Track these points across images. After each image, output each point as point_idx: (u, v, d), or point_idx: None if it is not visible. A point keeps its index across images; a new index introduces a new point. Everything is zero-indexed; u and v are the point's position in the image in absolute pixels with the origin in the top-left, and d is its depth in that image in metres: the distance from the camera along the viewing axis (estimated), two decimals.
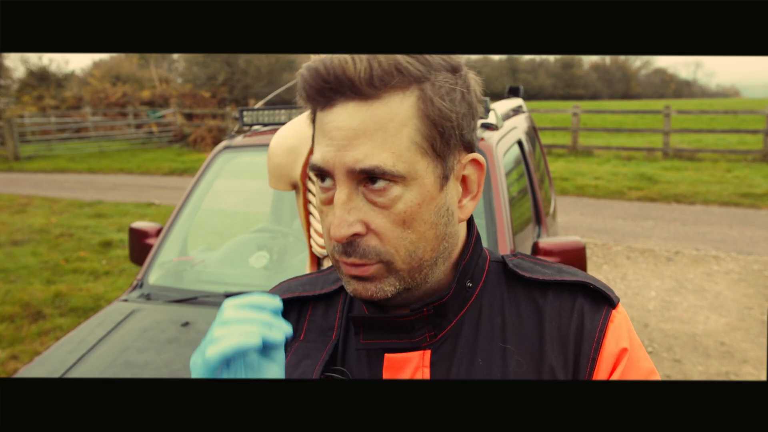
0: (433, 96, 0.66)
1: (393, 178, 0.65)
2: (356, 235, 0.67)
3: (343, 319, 0.79)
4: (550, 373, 0.71)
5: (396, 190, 0.66)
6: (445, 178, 0.69)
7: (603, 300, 0.74)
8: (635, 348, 0.72)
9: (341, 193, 0.66)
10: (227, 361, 0.62)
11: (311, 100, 0.69)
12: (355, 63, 0.62)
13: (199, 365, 0.62)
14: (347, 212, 0.66)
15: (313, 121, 0.73)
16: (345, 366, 0.75)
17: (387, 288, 0.69)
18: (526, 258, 0.81)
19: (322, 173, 0.68)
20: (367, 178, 0.65)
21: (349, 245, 0.67)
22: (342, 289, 0.82)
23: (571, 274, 0.76)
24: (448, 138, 0.68)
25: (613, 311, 0.74)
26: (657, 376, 0.72)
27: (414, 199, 0.67)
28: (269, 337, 0.62)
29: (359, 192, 0.66)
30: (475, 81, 0.71)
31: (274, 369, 0.66)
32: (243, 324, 0.62)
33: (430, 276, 0.72)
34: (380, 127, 0.64)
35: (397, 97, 0.65)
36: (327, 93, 0.66)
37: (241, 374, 0.63)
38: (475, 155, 0.73)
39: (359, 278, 0.69)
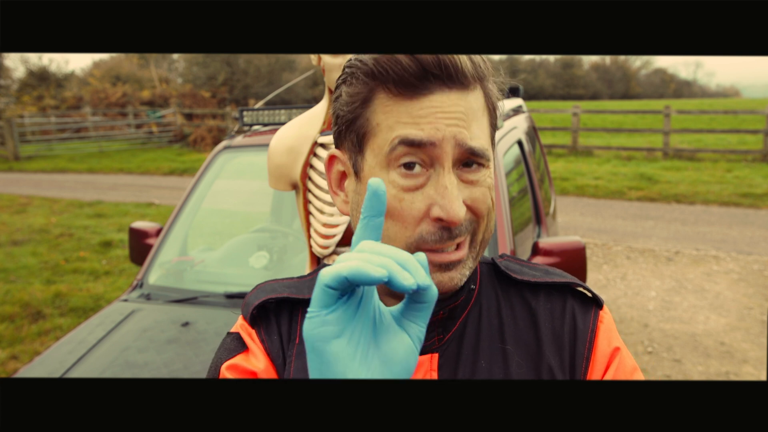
0: (492, 90, 0.72)
1: (486, 161, 0.69)
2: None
3: None
4: (549, 374, 0.72)
5: (483, 171, 0.69)
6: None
7: (590, 301, 0.77)
8: (622, 347, 0.75)
9: (451, 174, 0.66)
10: (348, 291, 0.53)
11: (402, 85, 0.66)
12: (457, 55, 0.66)
13: (313, 291, 0.53)
14: (458, 191, 0.67)
15: (362, 106, 0.68)
16: None
17: (466, 271, 0.69)
18: (513, 260, 0.82)
19: (417, 150, 0.65)
20: (462, 162, 0.67)
21: (458, 227, 0.67)
22: None
23: (558, 275, 0.79)
24: (496, 127, 0.74)
25: (601, 312, 0.77)
26: (639, 373, 0.75)
27: (490, 180, 0.70)
28: (397, 275, 0.51)
29: (455, 174, 0.68)
30: None
31: (393, 333, 0.56)
32: (373, 254, 0.53)
33: (478, 260, 0.73)
34: (474, 116, 0.68)
35: (478, 91, 0.69)
36: (429, 80, 0.66)
37: (360, 317, 0.54)
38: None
39: (449, 267, 0.68)
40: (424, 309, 0.56)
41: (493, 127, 0.73)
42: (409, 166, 0.66)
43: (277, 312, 0.78)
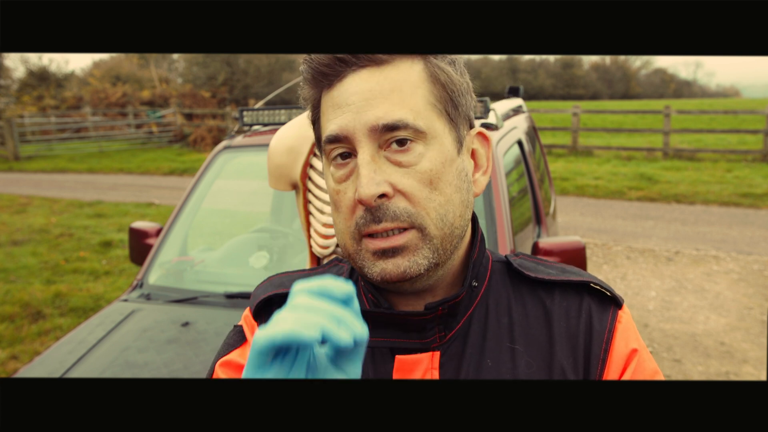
0: (439, 63, 0.69)
1: (415, 133, 0.65)
2: (384, 196, 0.65)
3: None
4: (561, 374, 0.70)
5: (419, 147, 0.66)
6: (459, 144, 0.71)
7: (609, 300, 0.74)
8: (642, 349, 0.72)
9: (364, 154, 0.65)
10: (282, 351, 0.54)
11: (320, 79, 0.68)
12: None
13: (250, 350, 0.54)
14: (373, 171, 0.64)
15: (316, 108, 0.72)
16: None
17: (421, 261, 0.66)
18: (528, 258, 0.80)
19: (340, 144, 0.66)
20: (390, 140, 0.65)
21: (378, 209, 0.65)
22: None
23: (575, 273, 0.76)
24: (456, 104, 0.70)
25: (620, 311, 0.74)
26: (661, 377, 0.72)
27: (437, 157, 0.67)
28: (332, 333, 0.51)
29: (381, 156, 0.66)
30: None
31: (331, 375, 0.57)
32: (307, 312, 0.53)
33: (455, 253, 0.71)
34: (395, 88, 0.66)
35: (406, 63, 0.67)
36: (337, 67, 0.66)
37: (296, 372, 0.55)
38: (481, 129, 0.76)
39: (389, 253, 0.65)
40: (357, 351, 0.57)
41: (443, 99, 0.68)
42: (343, 156, 0.67)
43: (282, 305, 0.78)
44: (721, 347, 4.08)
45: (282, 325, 0.52)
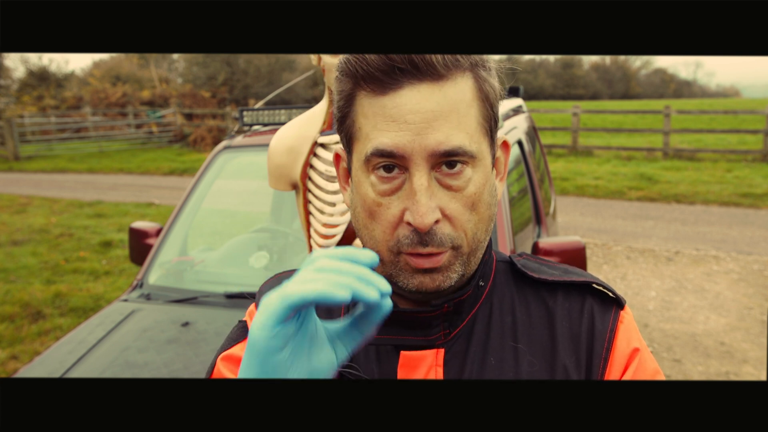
0: (488, 77, 0.68)
1: (470, 158, 0.65)
2: (435, 222, 0.65)
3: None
4: (564, 373, 0.71)
5: (468, 171, 0.66)
6: (493, 158, 0.72)
7: (611, 300, 0.75)
8: (643, 348, 0.73)
9: (422, 178, 0.64)
10: (301, 312, 0.56)
11: (371, 82, 0.65)
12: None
13: (271, 304, 0.54)
14: (429, 198, 0.64)
15: (348, 102, 0.69)
16: (352, 361, 0.73)
17: (453, 275, 0.68)
18: (531, 258, 0.81)
19: (390, 159, 0.65)
20: (443, 162, 0.65)
21: (428, 234, 0.65)
22: None
23: (578, 274, 0.77)
24: (496, 117, 0.71)
25: (621, 312, 0.75)
26: (662, 376, 0.73)
27: (480, 179, 0.67)
28: (361, 292, 0.53)
29: (433, 178, 0.65)
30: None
31: (323, 349, 0.59)
32: (335, 274, 0.54)
33: (479, 259, 0.72)
34: (454, 108, 0.65)
35: (460, 78, 0.65)
36: (396, 74, 0.63)
37: (300, 336, 0.56)
38: (505, 137, 0.76)
39: (428, 271, 0.67)
40: (370, 324, 0.59)
41: (488, 117, 0.69)
42: (387, 168, 0.66)
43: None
44: (721, 347, 4.08)
45: (312, 285, 0.53)
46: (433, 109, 0.63)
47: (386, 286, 0.56)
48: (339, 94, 0.70)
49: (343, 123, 0.71)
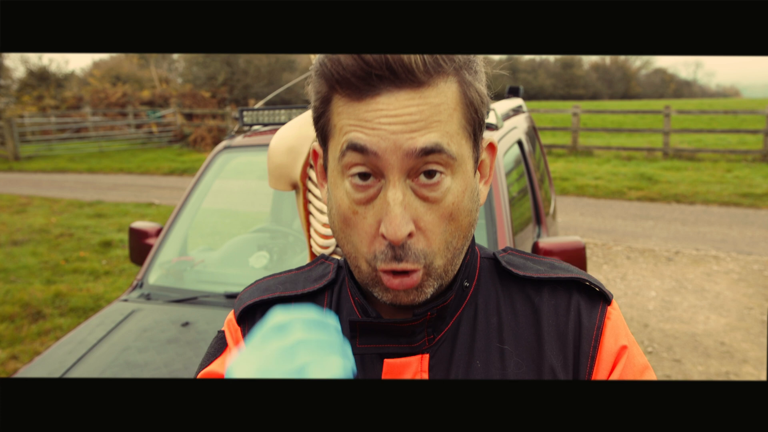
0: (473, 81, 0.66)
1: (447, 160, 0.62)
2: (409, 235, 0.63)
3: None
4: (551, 373, 0.70)
5: (446, 180, 0.64)
6: (476, 162, 0.69)
7: (598, 296, 0.73)
8: (631, 345, 0.72)
9: (396, 189, 0.62)
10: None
11: (347, 87, 0.62)
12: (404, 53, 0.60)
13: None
14: (404, 209, 0.62)
15: (325, 102, 0.67)
16: None
17: (428, 290, 0.66)
18: (517, 253, 0.79)
19: (363, 157, 0.62)
20: (421, 171, 0.62)
21: (401, 248, 0.63)
22: (326, 288, 0.78)
23: (564, 270, 0.75)
24: (482, 121, 0.68)
25: (609, 308, 0.73)
26: (651, 371, 0.72)
27: (459, 188, 0.65)
28: (350, 369, 0.57)
29: (408, 188, 0.63)
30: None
31: None
32: (328, 352, 0.57)
33: (457, 265, 0.70)
34: (435, 114, 0.62)
35: (443, 83, 0.63)
36: (372, 81, 0.61)
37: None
38: (492, 139, 0.74)
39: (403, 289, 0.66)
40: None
41: (472, 121, 0.66)
42: (363, 176, 0.63)
43: (267, 310, 0.77)
44: (721, 347, 4.08)
45: (331, 369, 0.56)
46: (412, 113, 0.61)
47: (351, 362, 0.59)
48: (315, 94, 0.68)
49: (318, 121, 0.69)
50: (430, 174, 0.62)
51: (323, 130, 0.69)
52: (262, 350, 0.57)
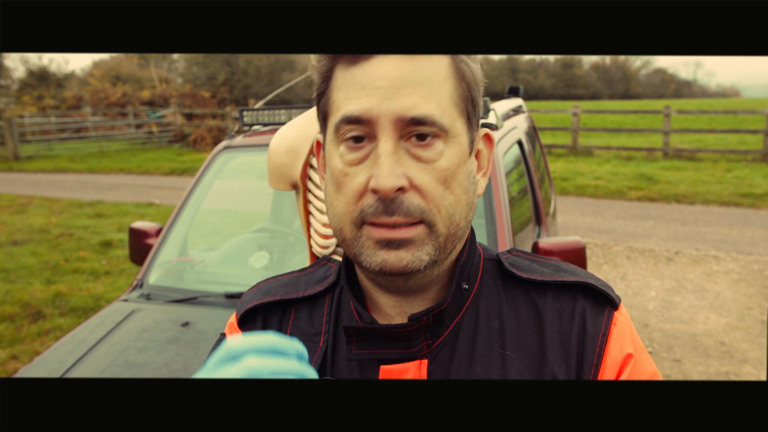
0: (466, 59, 0.67)
1: (440, 130, 0.64)
2: (401, 190, 0.62)
3: (331, 324, 0.74)
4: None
5: (439, 144, 0.64)
6: (471, 144, 0.70)
7: (604, 301, 0.71)
8: (638, 351, 0.70)
9: (387, 143, 0.62)
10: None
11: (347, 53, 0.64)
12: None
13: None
14: (395, 163, 0.62)
15: (326, 79, 0.69)
16: (335, 376, 0.71)
17: (423, 257, 0.64)
18: (522, 254, 0.77)
19: (358, 126, 0.63)
20: (413, 134, 0.63)
21: (393, 202, 0.62)
22: (327, 290, 0.77)
23: (570, 273, 0.73)
24: (475, 104, 0.69)
25: (616, 313, 0.70)
26: (659, 378, 0.70)
27: (454, 156, 0.65)
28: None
29: (402, 147, 0.63)
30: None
31: None
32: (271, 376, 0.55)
33: (453, 253, 0.69)
34: (425, 80, 0.63)
35: (436, 55, 0.65)
36: None
37: None
38: (488, 130, 0.74)
39: (394, 245, 0.63)
40: None
41: (465, 97, 0.67)
42: (357, 139, 0.64)
43: (268, 314, 0.77)
44: (721, 347, 4.08)
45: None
46: (402, 76, 0.62)
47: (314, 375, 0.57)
48: (319, 75, 0.70)
49: (319, 102, 0.70)
50: (422, 136, 0.64)
51: (324, 110, 0.70)
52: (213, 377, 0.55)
